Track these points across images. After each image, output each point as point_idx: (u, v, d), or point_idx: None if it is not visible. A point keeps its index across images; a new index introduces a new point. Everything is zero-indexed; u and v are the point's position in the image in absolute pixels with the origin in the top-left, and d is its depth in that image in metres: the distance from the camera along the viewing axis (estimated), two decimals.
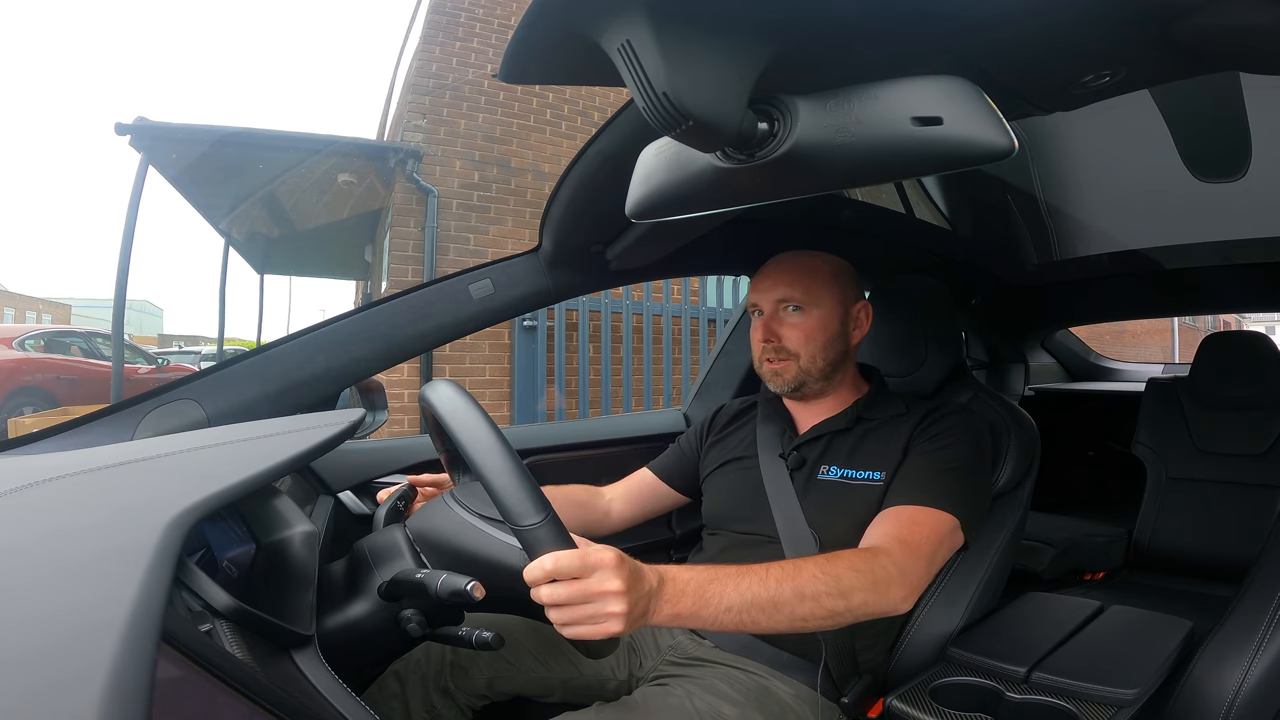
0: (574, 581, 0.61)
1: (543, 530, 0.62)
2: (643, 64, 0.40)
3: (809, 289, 1.00)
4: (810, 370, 1.00)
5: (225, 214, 5.67)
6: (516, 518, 0.62)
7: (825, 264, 1.03)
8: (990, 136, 0.46)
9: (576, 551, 0.61)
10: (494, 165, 4.99)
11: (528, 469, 0.64)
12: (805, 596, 0.72)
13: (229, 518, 0.71)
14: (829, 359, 1.01)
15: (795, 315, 1.00)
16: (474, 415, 0.66)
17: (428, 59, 4.93)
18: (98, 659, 0.32)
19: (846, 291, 1.03)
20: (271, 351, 0.99)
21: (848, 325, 1.03)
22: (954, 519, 0.88)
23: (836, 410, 1.05)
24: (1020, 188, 1.64)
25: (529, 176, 5.11)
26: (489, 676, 0.95)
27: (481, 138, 4.98)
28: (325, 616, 0.72)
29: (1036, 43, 0.53)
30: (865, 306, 1.05)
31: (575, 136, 5.34)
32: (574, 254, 1.12)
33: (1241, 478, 1.66)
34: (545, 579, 0.61)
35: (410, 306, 1.07)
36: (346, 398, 1.09)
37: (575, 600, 0.61)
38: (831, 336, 1.00)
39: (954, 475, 0.92)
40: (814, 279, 1.01)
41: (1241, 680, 0.81)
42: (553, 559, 0.60)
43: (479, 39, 5.09)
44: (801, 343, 1.00)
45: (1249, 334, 1.71)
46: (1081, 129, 1.48)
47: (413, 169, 4.71)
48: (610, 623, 0.62)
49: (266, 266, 7.02)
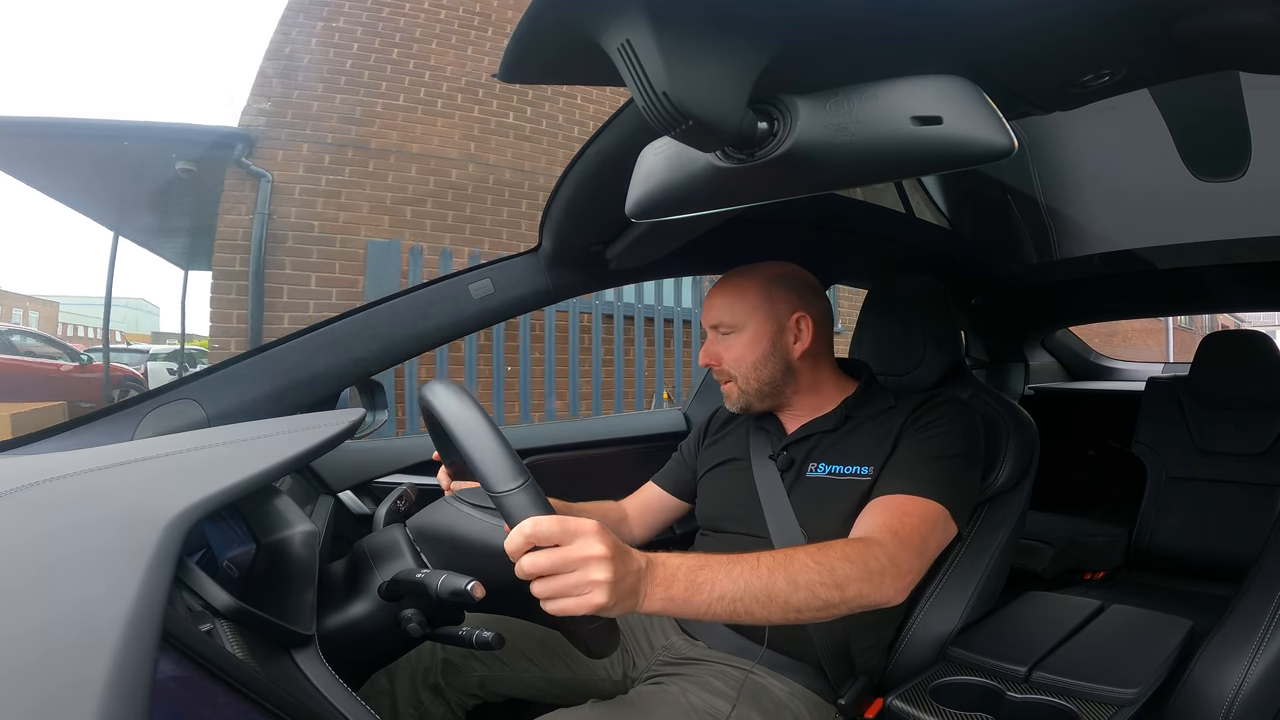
0: (555, 549, 0.60)
1: (521, 495, 0.61)
2: (643, 64, 0.40)
3: (734, 312, 1.01)
4: (748, 390, 1.02)
5: (104, 210, 5.39)
6: (494, 483, 0.61)
7: (757, 281, 1.01)
8: (990, 136, 0.46)
9: (556, 517, 0.60)
10: (349, 148, 4.66)
11: (509, 441, 0.63)
12: (799, 586, 0.70)
13: (229, 518, 0.71)
14: (763, 377, 1.01)
15: (727, 338, 1.02)
16: (460, 396, 0.66)
17: (283, 40, 4.68)
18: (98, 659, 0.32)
19: (778, 306, 1.01)
20: (271, 351, 1.00)
21: (783, 339, 1.01)
22: (944, 509, 0.88)
23: (823, 410, 1.05)
24: (1020, 188, 1.64)
25: (391, 158, 4.79)
26: (482, 675, 0.95)
27: (337, 119, 4.67)
28: (325, 616, 0.72)
29: (1036, 42, 0.53)
30: (804, 317, 1.01)
31: (454, 115, 5.00)
32: (574, 254, 1.12)
33: (1241, 477, 1.66)
34: (526, 545, 0.59)
35: (410, 306, 1.07)
36: (346, 398, 1.10)
37: (558, 569, 0.60)
38: (762, 355, 1.00)
39: (944, 463, 0.91)
40: (740, 301, 1.01)
41: (1241, 680, 0.81)
42: (531, 523, 0.59)
43: (346, 18, 4.80)
44: (734, 364, 1.02)
45: (1249, 334, 1.71)
46: (1081, 129, 1.49)
47: (242, 153, 4.41)
48: (595, 593, 0.60)
49: (181, 262, 6.66)
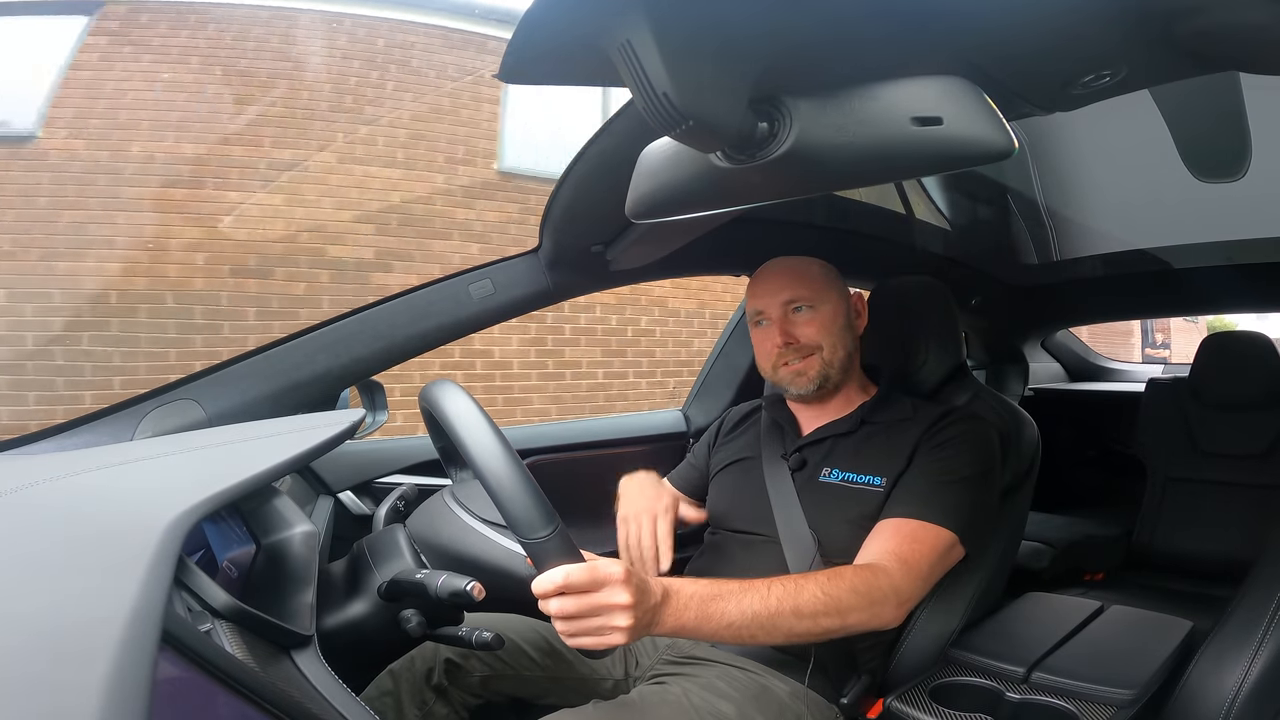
0: (583, 595, 0.62)
1: (552, 543, 0.62)
2: (643, 64, 0.40)
3: (813, 287, 1.03)
4: (833, 361, 1.03)
5: None
6: (526, 530, 0.62)
7: (816, 264, 1.07)
8: (990, 136, 0.46)
9: (587, 566, 0.62)
10: None
11: (532, 477, 0.63)
12: (803, 616, 0.75)
13: (229, 518, 0.71)
14: (847, 348, 1.04)
15: (806, 314, 1.02)
16: (478, 420, 0.65)
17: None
18: (98, 659, 0.32)
19: (841, 286, 1.07)
20: (271, 351, 0.99)
21: (852, 317, 1.07)
22: (954, 535, 0.89)
23: (841, 413, 1.05)
24: (1020, 188, 1.64)
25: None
26: (483, 675, 0.95)
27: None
28: (325, 616, 0.72)
29: (1036, 43, 0.52)
30: (859, 297, 1.10)
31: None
32: (574, 254, 1.12)
33: (1241, 478, 1.65)
34: (555, 593, 0.62)
35: (410, 306, 1.07)
36: (346, 398, 1.10)
37: (584, 613, 0.63)
38: (842, 327, 1.04)
39: (958, 488, 0.92)
40: (813, 277, 1.04)
41: (1241, 680, 0.81)
42: (564, 574, 0.61)
43: None
44: (819, 335, 1.01)
45: (1249, 334, 1.71)
46: (1081, 129, 1.48)
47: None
48: (615, 635, 0.64)
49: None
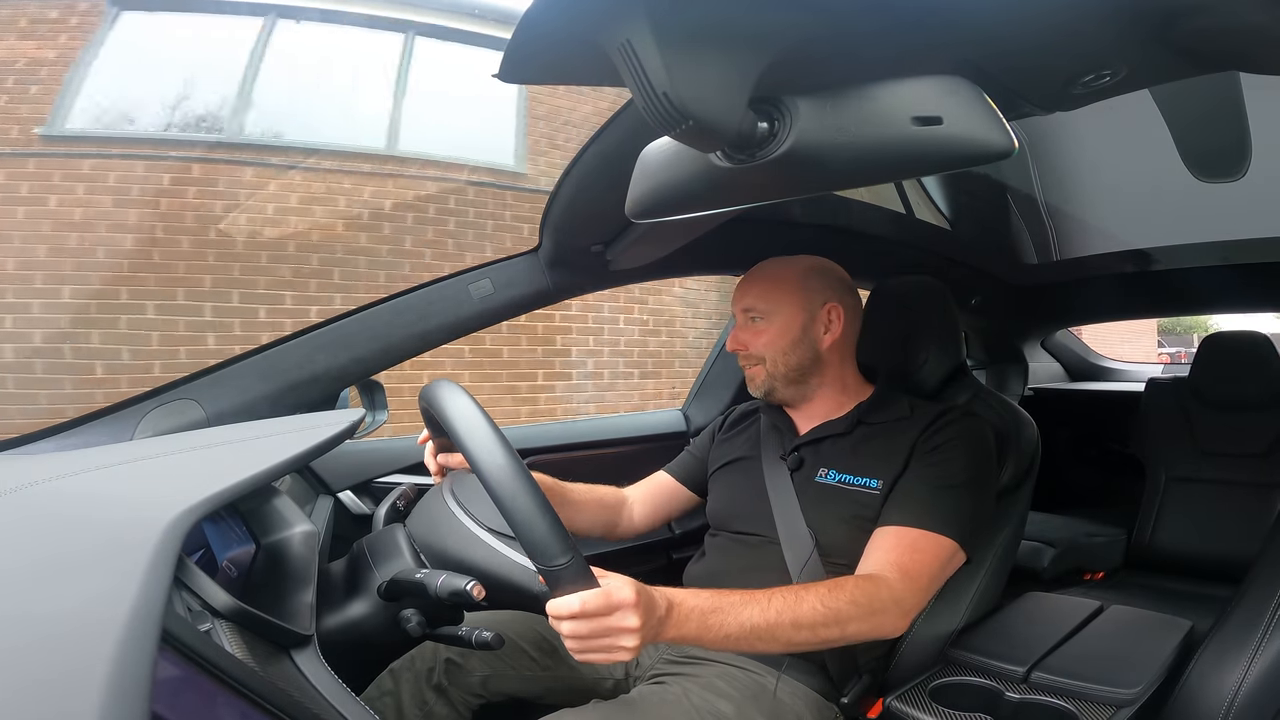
0: (596, 618, 0.64)
1: (569, 571, 0.63)
2: (643, 64, 0.40)
3: (769, 298, 1.03)
4: (774, 373, 1.03)
5: None
6: (543, 558, 0.62)
7: (793, 270, 1.04)
8: (990, 136, 0.46)
9: (601, 592, 0.64)
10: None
11: (548, 499, 0.63)
12: (802, 627, 0.77)
13: (229, 518, 0.71)
14: (791, 362, 1.03)
15: (759, 323, 1.04)
16: (488, 435, 0.65)
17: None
18: (98, 658, 0.32)
19: (812, 296, 1.03)
20: (271, 351, 0.99)
21: (814, 329, 1.03)
22: (955, 544, 0.89)
23: (837, 413, 1.05)
24: (1020, 188, 1.64)
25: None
26: (484, 675, 0.95)
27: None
28: (325, 616, 0.72)
29: (1036, 42, 0.52)
30: (835, 308, 1.03)
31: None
32: (574, 254, 1.12)
33: (1241, 478, 1.65)
34: (569, 618, 0.64)
35: (410, 306, 1.07)
36: (346, 397, 1.10)
37: (595, 635, 0.65)
38: (792, 341, 1.02)
39: (957, 494, 0.92)
40: (776, 287, 1.03)
41: (1241, 680, 0.81)
42: (580, 601, 0.63)
43: None
44: (765, 348, 1.03)
45: (1249, 334, 1.71)
46: (1082, 129, 1.48)
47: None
48: (622, 653, 0.66)
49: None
